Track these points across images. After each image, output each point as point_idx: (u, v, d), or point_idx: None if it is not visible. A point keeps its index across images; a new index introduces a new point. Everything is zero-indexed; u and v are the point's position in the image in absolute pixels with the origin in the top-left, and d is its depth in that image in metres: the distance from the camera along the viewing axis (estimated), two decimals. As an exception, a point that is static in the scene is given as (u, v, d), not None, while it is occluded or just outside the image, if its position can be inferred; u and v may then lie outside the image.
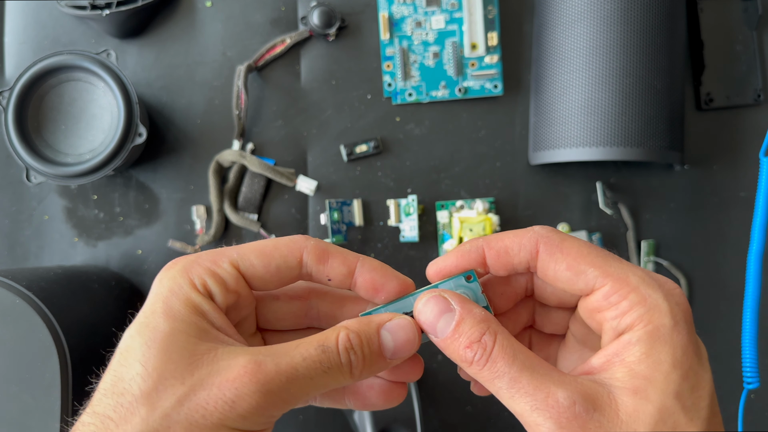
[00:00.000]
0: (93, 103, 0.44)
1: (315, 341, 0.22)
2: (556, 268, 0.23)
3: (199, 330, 0.22)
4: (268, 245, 0.24)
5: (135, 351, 0.22)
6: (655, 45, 0.43)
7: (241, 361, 0.21)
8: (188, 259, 0.24)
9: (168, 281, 0.23)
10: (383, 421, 0.41)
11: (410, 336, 0.24)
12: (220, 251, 0.24)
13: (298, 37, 0.49)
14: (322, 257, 0.24)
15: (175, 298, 0.23)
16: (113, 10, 0.46)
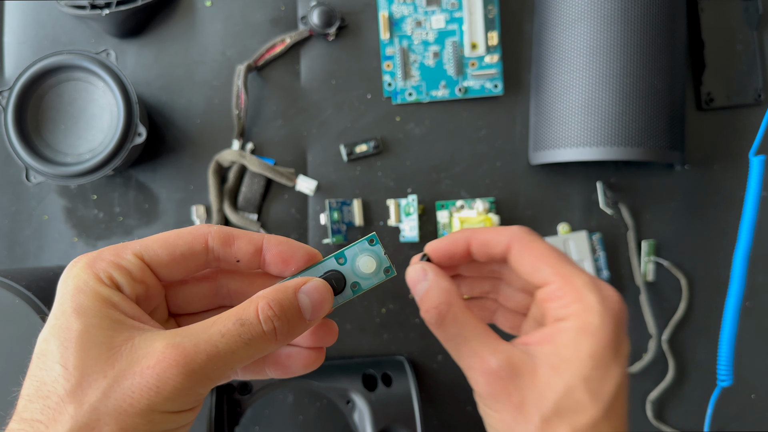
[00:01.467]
0: (92, 103, 0.44)
1: (233, 315, 0.23)
2: (522, 263, 0.28)
3: (113, 322, 0.23)
4: (171, 235, 0.25)
5: (53, 353, 0.22)
6: (655, 45, 0.43)
7: (159, 347, 0.22)
8: (90, 255, 0.24)
9: (73, 279, 0.23)
10: (383, 421, 0.41)
11: (325, 295, 0.25)
12: (123, 245, 0.25)
13: (297, 37, 0.48)
14: (228, 240, 0.26)
15: (83, 295, 0.23)
16: (113, 10, 0.46)
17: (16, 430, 0.21)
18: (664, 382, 0.48)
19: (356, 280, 0.27)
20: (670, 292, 0.49)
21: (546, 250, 0.27)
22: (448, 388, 0.48)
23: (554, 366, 0.25)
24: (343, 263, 0.27)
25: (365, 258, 0.27)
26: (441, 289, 0.27)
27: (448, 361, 0.48)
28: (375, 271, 0.27)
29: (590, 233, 0.48)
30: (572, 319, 0.25)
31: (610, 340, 0.25)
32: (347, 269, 0.27)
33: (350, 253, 0.27)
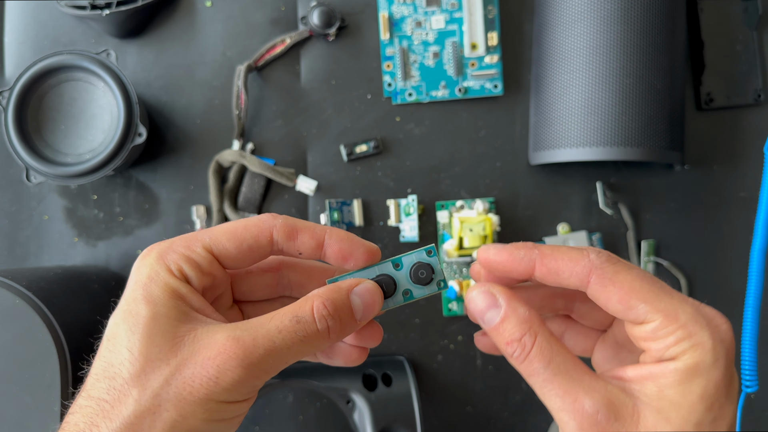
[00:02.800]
0: (93, 103, 0.44)
1: (289, 312, 0.24)
2: (609, 299, 0.24)
3: (179, 312, 0.24)
4: (239, 227, 0.26)
5: (121, 337, 0.23)
6: (655, 45, 0.43)
7: (220, 339, 0.23)
8: (162, 246, 0.25)
9: (145, 268, 0.24)
10: (383, 421, 0.41)
11: (376, 298, 0.26)
12: (193, 236, 0.25)
13: (298, 37, 0.49)
14: (292, 234, 0.26)
15: (154, 285, 0.24)
16: (113, 10, 0.46)
17: (84, 405, 0.23)
18: (663, 382, 0.48)
19: (408, 288, 0.27)
20: (669, 292, 0.49)
21: (636, 282, 0.23)
22: (448, 388, 0.48)
23: (660, 409, 0.22)
24: (399, 269, 0.27)
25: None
26: (519, 318, 0.24)
27: (447, 361, 0.48)
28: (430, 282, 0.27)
29: (590, 233, 0.48)
30: (681, 360, 0.22)
31: (723, 377, 0.22)
32: (401, 275, 0.27)
33: (407, 261, 0.27)
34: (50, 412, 0.35)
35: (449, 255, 0.47)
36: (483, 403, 0.48)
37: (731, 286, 0.49)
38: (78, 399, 0.23)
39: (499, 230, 0.49)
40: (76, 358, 0.36)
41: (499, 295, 0.25)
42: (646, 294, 0.23)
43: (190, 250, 0.25)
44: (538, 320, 0.24)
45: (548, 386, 0.23)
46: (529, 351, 0.23)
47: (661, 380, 0.22)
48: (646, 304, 0.23)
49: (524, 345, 0.23)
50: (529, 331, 0.24)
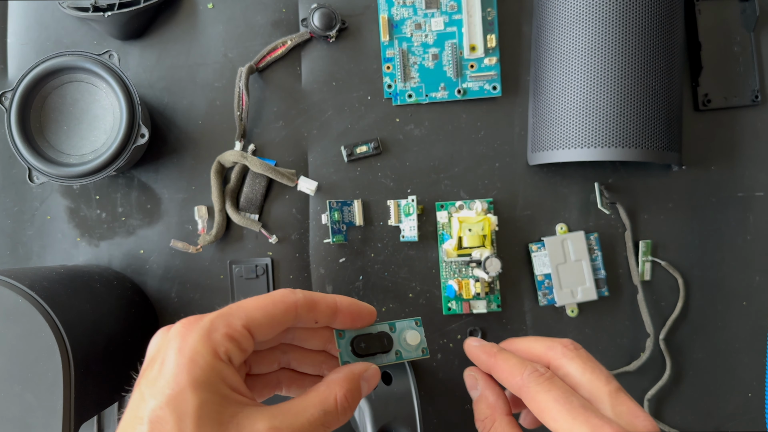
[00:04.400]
0: (95, 104, 0.45)
1: (318, 404, 0.27)
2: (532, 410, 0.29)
3: (222, 398, 0.25)
4: (268, 303, 0.28)
5: (168, 424, 0.24)
6: (653, 46, 0.43)
7: (261, 429, 0.25)
8: (205, 325, 0.26)
9: (189, 350, 0.25)
10: (383, 419, 0.42)
11: (377, 380, 0.30)
12: (230, 313, 0.27)
13: (298, 39, 0.49)
14: (312, 306, 0.29)
15: (199, 369, 0.25)
16: (115, 12, 0.46)
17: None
18: (661, 381, 0.48)
19: (399, 349, 0.31)
20: (667, 292, 0.49)
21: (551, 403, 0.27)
22: (448, 387, 0.49)
23: None
24: (393, 331, 0.32)
25: (412, 333, 0.32)
26: (486, 403, 0.31)
27: (447, 360, 0.49)
28: (416, 347, 0.32)
29: (588, 233, 0.49)
30: None
31: None
32: (394, 337, 0.32)
33: (399, 326, 0.32)
34: (53, 411, 0.35)
35: (448, 255, 0.47)
36: (482, 401, 0.48)
37: (728, 285, 0.49)
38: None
39: (498, 230, 0.49)
40: (78, 357, 0.36)
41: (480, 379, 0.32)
42: (554, 415, 0.27)
43: (232, 328, 0.26)
44: (502, 410, 0.30)
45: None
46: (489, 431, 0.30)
47: None
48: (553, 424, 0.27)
49: (485, 426, 0.30)
50: (488, 416, 0.30)
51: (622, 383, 0.49)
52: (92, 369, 0.38)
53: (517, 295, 0.49)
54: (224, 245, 0.49)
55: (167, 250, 0.49)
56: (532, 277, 0.49)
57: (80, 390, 0.36)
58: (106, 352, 0.40)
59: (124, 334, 0.43)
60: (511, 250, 0.49)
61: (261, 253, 0.49)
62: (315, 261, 0.49)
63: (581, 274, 0.48)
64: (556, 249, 0.48)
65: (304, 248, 0.49)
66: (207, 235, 0.48)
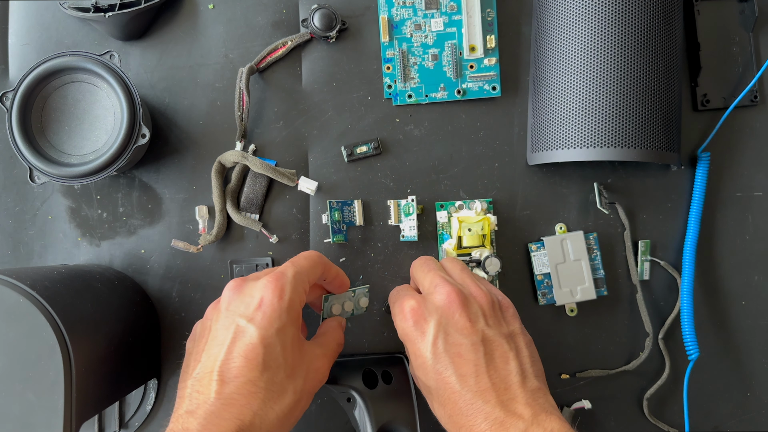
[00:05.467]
0: (96, 104, 0.45)
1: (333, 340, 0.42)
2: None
3: (298, 331, 0.38)
4: (316, 264, 0.40)
5: (276, 348, 0.35)
6: (652, 47, 0.44)
7: (320, 356, 0.39)
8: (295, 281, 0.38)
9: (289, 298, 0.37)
10: (383, 418, 0.42)
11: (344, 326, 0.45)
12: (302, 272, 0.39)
13: (299, 40, 0.49)
14: (328, 269, 0.42)
15: (295, 313, 0.37)
16: (116, 12, 0.46)
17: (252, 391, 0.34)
18: (660, 380, 0.48)
19: (354, 308, 0.46)
20: (665, 291, 0.49)
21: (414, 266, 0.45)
22: (447, 386, 0.49)
23: None
24: (353, 296, 0.45)
25: (364, 299, 0.46)
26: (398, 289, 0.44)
27: (447, 360, 0.49)
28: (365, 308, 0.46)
29: (587, 233, 0.49)
30: None
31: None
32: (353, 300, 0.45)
33: (358, 292, 0.46)
34: (54, 411, 0.35)
35: (448, 254, 0.48)
36: (482, 401, 0.48)
37: (727, 285, 0.49)
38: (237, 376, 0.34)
39: (497, 230, 0.49)
40: (79, 357, 0.36)
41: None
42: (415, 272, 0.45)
43: (306, 285, 0.38)
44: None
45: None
46: None
47: None
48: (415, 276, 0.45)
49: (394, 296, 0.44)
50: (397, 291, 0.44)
51: (622, 382, 0.49)
52: (93, 368, 0.38)
53: (517, 295, 0.49)
54: (225, 245, 0.49)
55: (168, 250, 0.49)
56: (532, 277, 0.49)
57: (81, 389, 0.36)
58: (107, 352, 0.40)
59: (125, 333, 0.43)
60: (510, 250, 0.49)
61: (262, 252, 0.49)
62: (315, 261, 0.49)
63: (580, 273, 0.48)
64: (555, 249, 0.48)
65: (305, 248, 0.49)
66: (208, 234, 0.48)
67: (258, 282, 0.37)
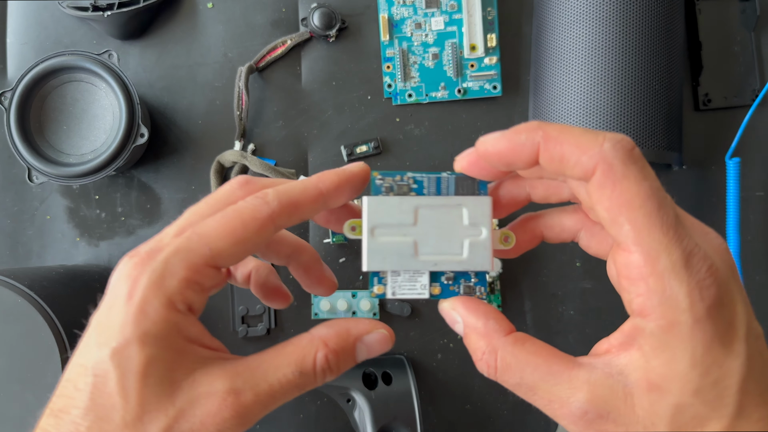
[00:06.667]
0: (95, 104, 0.45)
1: (293, 363, 0.22)
2: (598, 202, 0.20)
3: (177, 353, 0.21)
4: (238, 228, 0.22)
5: (112, 379, 0.20)
6: (653, 46, 0.43)
7: (220, 390, 0.21)
8: (158, 269, 0.21)
9: (140, 299, 0.21)
10: (383, 419, 0.42)
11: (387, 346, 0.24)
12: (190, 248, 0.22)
13: (298, 39, 0.49)
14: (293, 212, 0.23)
15: (151, 323, 0.21)
16: (115, 12, 0.46)
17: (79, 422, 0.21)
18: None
19: (355, 310, 0.33)
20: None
21: (638, 198, 0.20)
22: (448, 386, 0.48)
23: (651, 386, 0.19)
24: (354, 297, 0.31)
25: (364, 301, 0.36)
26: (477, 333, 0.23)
27: (447, 359, 0.49)
28: (367, 311, 0.38)
29: (588, 233, 0.49)
30: (652, 318, 0.19)
31: (713, 336, 0.19)
32: (354, 302, 0.35)
33: (359, 295, 0.33)
34: (53, 411, 0.35)
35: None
36: (482, 401, 0.48)
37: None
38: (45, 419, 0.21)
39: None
40: (78, 357, 0.36)
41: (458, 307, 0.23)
42: (639, 217, 0.20)
43: (193, 270, 0.21)
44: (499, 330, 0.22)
45: (534, 399, 0.21)
46: (495, 368, 0.22)
47: (644, 346, 0.20)
48: (632, 228, 0.20)
49: (488, 364, 0.22)
50: (487, 348, 0.22)
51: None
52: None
53: (518, 295, 0.49)
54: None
55: (167, 250, 0.49)
56: (532, 277, 0.49)
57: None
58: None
59: (124, 334, 0.43)
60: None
61: (261, 253, 0.49)
62: (315, 261, 0.49)
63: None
64: (556, 249, 0.48)
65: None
66: (207, 234, 0.48)
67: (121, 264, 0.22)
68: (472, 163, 0.24)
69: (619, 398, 0.20)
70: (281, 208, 0.22)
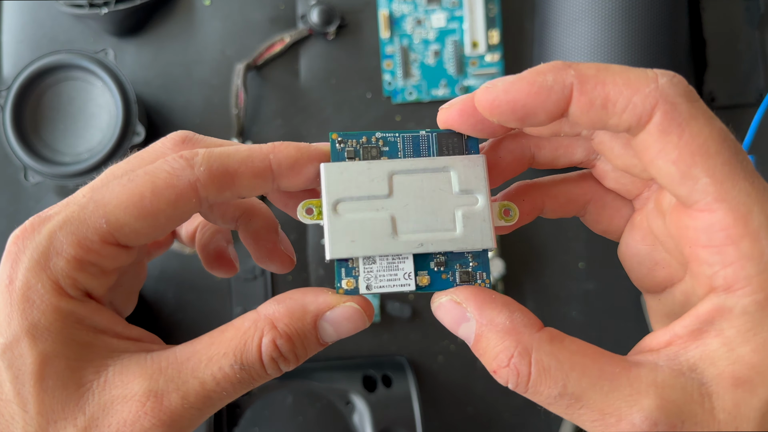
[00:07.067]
0: (91, 102, 0.44)
1: (231, 353, 0.18)
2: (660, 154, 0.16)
3: (79, 347, 0.17)
4: (146, 194, 0.18)
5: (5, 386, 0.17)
6: (657, 44, 0.43)
7: (138, 392, 0.17)
8: (40, 246, 0.17)
9: (21, 285, 0.17)
10: (383, 422, 0.41)
11: (358, 324, 0.19)
12: (81, 219, 0.18)
13: (297, 36, 0.48)
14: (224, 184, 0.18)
15: (37, 311, 0.17)
16: (111, 9, 0.46)
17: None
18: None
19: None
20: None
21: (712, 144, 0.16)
22: (449, 389, 0.48)
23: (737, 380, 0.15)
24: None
25: None
26: (499, 333, 0.17)
27: (448, 362, 0.48)
28: None
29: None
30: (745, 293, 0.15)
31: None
32: None
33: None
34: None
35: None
36: (484, 404, 0.48)
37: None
38: None
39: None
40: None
41: (467, 301, 0.18)
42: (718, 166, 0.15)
43: (83, 248, 0.17)
44: (529, 327, 0.17)
45: (575, 409, 0.16)
46: (527, 377, 0.17)
47: (726, 331, 0.15)
48: (712, 181, 0.15)
49: (517, 371, 0.17)
50: (516, 349, 0.17)
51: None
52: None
53: (520, 297, 0.48)
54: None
55: (164, 251, 0.48)
56: (534, 278, 0.48)
57: None
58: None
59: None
60: (513, 251, 0.48)
61: (259, 253, 0.48)
62: (314, 261, 0.48)
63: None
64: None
65: (303, 249, 0.48)
66: (204, 235, 0.47)
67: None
68: (464, 115, 0.18)
69: (695, 401, 0.15)
70: (210, 176, 0.18)
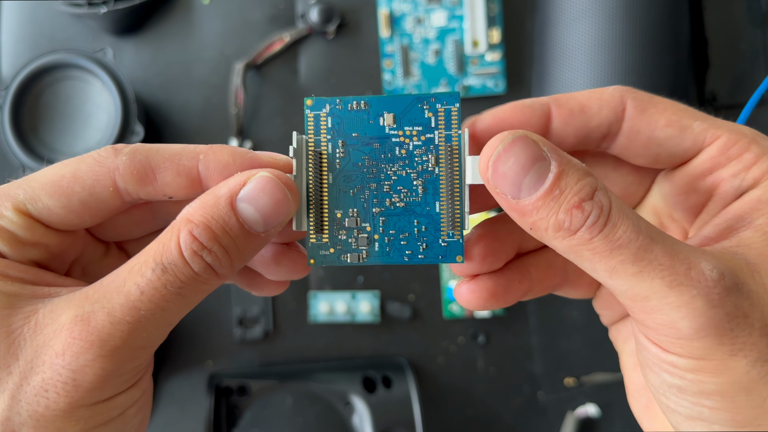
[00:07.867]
0: (89, 102, 0.44)
1: (150, 259, 0.17)
2: (652, 125, 0.19)
3: (5, 296, 0.17)
4: (65, 177, 0.18)
5: None
6: (658, 42, 0.43)
7: (65, 322, 0.16)
8: None
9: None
10: (383, 423, 0.41)
11: (277, 194, 0.18)
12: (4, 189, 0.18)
13: (296, 35, 0.48)
14: (144, 177, 0.18)
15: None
16: (110, 8, 0.46)
17: None
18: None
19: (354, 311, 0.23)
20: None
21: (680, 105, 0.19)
22: (449, 391, 0.48)
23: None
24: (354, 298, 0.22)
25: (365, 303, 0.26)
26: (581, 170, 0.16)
27: (448, 363, 0.48)
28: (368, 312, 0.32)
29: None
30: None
31: None
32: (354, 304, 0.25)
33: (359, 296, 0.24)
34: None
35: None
36: (484, 405, 0.47)
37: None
38: None
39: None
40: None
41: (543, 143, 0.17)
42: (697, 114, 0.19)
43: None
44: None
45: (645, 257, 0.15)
46: (609, 210, 0.16)
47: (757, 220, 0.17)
48: (702, 121, 0.19)
49: (600, 203, 0.16)
50: (599, 184, 0.16)
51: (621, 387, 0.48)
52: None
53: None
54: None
55: (163, 251, 0.48)
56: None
57: None
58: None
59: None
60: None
61: (259, 253, 0.48)
62: (314, 261, 0.48)
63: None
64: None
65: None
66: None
67: None
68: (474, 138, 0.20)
69: (747, 274, 0.16)
70: (131, 166, 0.18)
